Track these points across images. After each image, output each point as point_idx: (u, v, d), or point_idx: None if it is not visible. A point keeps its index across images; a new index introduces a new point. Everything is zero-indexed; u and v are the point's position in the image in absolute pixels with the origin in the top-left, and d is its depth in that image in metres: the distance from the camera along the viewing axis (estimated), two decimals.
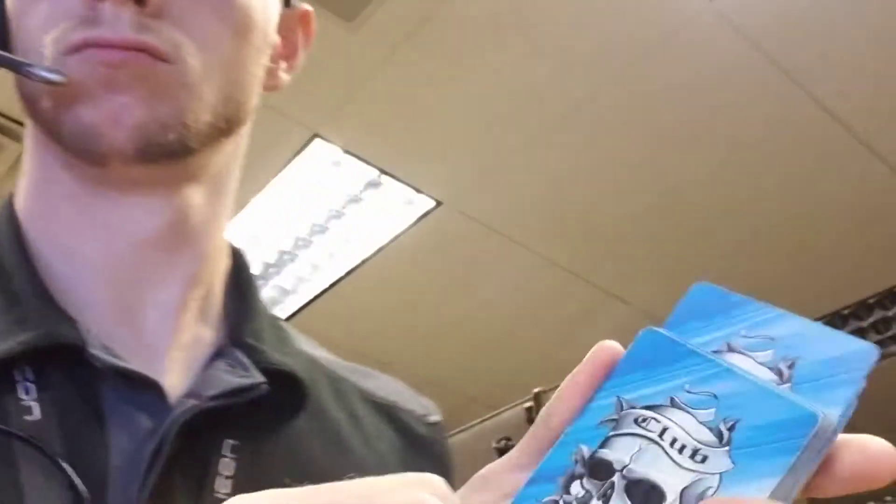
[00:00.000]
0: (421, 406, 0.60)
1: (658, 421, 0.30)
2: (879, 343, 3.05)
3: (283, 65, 0.56)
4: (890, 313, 2.98)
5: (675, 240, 2.74)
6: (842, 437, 0.27)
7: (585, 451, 0.31)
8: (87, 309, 0.45)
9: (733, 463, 0.27)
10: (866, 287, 2.90)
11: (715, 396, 0.29)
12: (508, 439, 1.91)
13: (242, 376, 0.46)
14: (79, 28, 0.42)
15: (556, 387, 0.34)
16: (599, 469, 0.30)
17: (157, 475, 0.39)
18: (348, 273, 2.86)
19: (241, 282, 0.54)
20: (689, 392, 0.30)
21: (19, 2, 0.45)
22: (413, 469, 0.30)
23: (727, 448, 0.28)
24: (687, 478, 0.28)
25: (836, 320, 3.05)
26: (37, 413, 0.39)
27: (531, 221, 2.67)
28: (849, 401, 0.28)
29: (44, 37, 0.43)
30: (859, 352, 0.29)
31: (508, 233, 2.71)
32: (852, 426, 0.28)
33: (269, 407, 0.46)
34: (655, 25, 2.06)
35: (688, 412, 0.29)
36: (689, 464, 0.28)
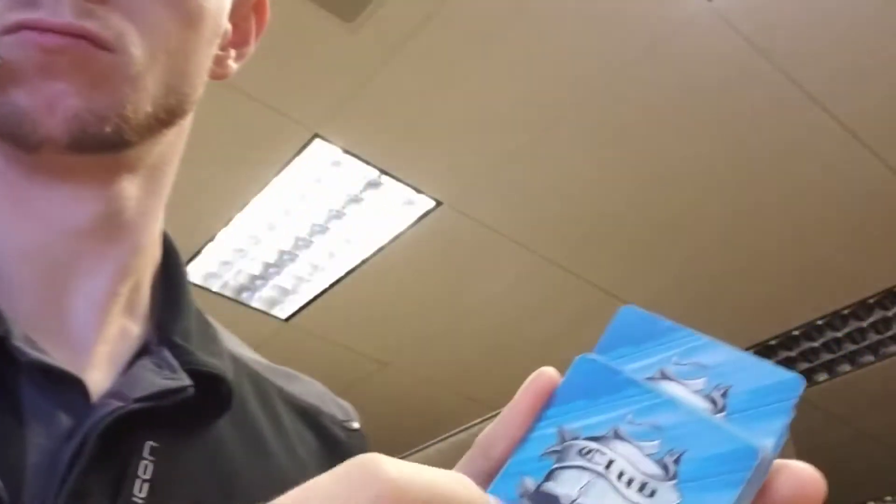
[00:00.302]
0: (342, 411, 0.59)
1: (603, 453, 0.29)
2: (879, 343, 3.06)
3: (232, 53, 0.53)
4: (890, 313, 2.99)
5: (674, 240, 2.74)
6: (774, 463, 0.28)
7: (530, 483, 0.29)
8: (12, 297, 0.43)
9: (681, 497, 0.27)
10: (866, 287, 2.90)
11: (658, 428, 0.29)
12: None
13: (169, 378, 0.44)
14: (16, 9, 0.40)
15: None
16: None
17: (76, 476, 0.38)
18: (348, 273, 2.86)
19: (171, 276, 0.52)
20: (632, 423, 0.29)
21: None
22: None
23: (674, 481, 0.27)
24: None
25: (836, 320, 3.06)
26: None
27: (531, 221, 2.67)
28: (781, 430, 0.28)
29: None
30: (787, 381, 0.29)
31: (508, 233, 2.71)
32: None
33: (193, 408, 0.44)
34: (654, 26, 2.06)
35: (632, 444, 0.29)
36: (637, 498, 0.28)
